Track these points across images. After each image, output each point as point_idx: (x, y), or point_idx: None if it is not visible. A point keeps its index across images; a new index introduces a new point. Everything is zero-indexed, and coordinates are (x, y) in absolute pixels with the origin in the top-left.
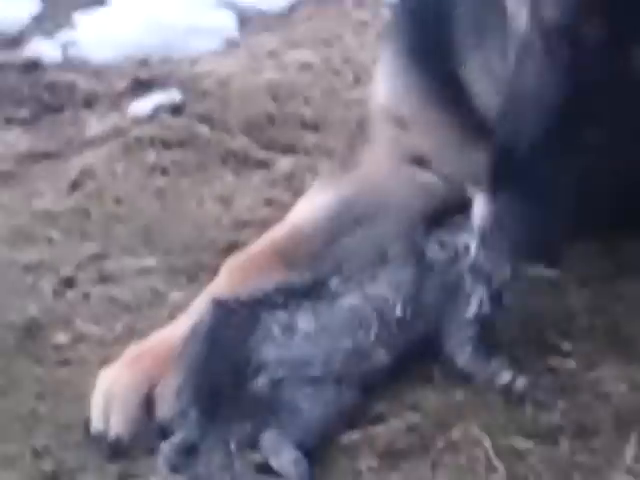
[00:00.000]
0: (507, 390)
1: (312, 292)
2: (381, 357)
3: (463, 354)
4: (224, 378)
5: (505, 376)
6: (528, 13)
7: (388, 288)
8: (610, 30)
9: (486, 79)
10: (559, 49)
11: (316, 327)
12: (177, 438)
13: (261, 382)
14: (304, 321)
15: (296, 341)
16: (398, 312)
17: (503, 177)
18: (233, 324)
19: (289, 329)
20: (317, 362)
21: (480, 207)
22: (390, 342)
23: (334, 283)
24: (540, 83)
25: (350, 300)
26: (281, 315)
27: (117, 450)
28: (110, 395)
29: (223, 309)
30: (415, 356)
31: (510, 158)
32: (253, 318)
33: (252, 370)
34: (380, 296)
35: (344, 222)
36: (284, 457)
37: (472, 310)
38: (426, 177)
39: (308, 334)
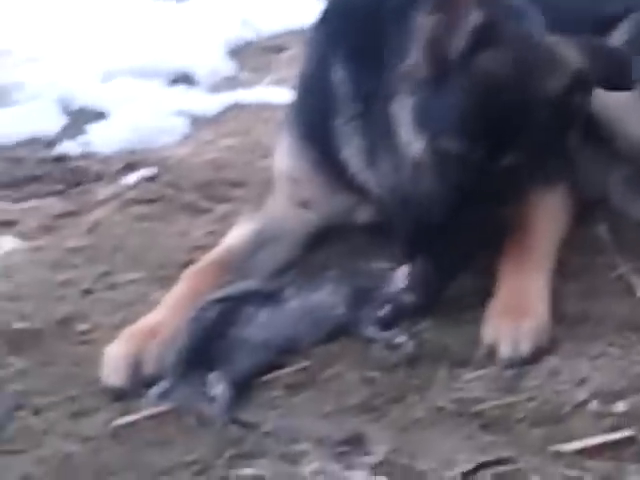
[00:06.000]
0: (394, 348)
1: (272, 296)
2: (304, 344)
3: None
4: (200, 348)
5: (400, 339)
6: (425, 144)
7: (328, 296)
8: (489, 150)
9: (357, 160)
10: (450, 169)
11: (268, 320)
12: (160, 386)
13: (217, 346)
14: (262, 315)
15: (252, 327)
16: (338, 311)
17: (419, 246)
18: (219, 313)
19: (250, 320)
20: (259, 340)
21: (402, 272)
22: (313, 334)
23: (288, 291)
24: (432, 190)
25: (294, 304)
26: (250, 309)
27: (119, 395)
28: (113, 361)
29: (213, 303)
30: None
31: (421, 234)
32: (233, 309)
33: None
34: (319, 301)
35: (257, 243)
36: (218, 388)
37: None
38: (307, 214)
39: (262, 323)
